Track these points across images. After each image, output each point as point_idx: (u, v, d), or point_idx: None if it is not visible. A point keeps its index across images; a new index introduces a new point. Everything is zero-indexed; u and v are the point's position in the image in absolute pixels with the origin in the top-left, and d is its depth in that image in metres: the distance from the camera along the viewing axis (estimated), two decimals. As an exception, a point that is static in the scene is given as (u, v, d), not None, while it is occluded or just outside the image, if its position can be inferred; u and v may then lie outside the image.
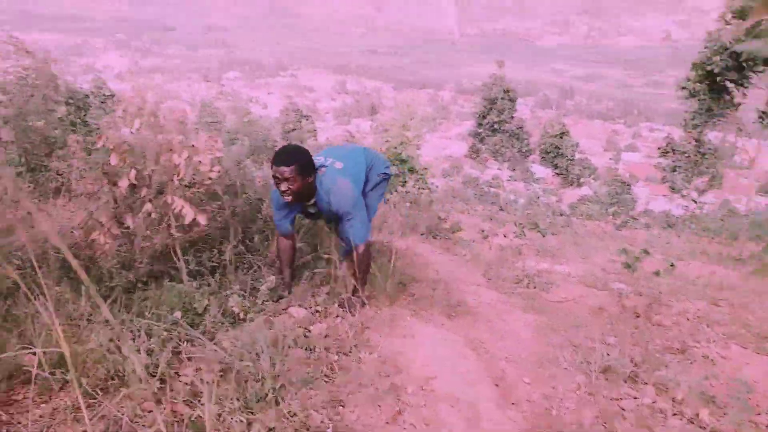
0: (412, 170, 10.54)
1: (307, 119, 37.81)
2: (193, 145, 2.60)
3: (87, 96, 4.76)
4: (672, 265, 4.32)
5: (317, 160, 3.22)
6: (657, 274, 4.39)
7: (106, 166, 2.48)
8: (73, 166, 3.34)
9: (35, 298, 2.33)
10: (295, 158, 2.99)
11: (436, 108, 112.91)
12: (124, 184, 2.52)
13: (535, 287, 5.17)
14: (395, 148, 11.45)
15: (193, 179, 3.16)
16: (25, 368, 1.90)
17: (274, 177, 2.99)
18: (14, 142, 4.01)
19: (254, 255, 4.01)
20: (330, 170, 3.18)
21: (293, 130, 31.75)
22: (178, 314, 2.62)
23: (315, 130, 36.29)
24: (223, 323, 2.72)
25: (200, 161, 2.56)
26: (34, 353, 1.97)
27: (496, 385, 2.76)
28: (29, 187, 3.56)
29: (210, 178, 2.71)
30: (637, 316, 4.41)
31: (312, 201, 3.24)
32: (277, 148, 3.14)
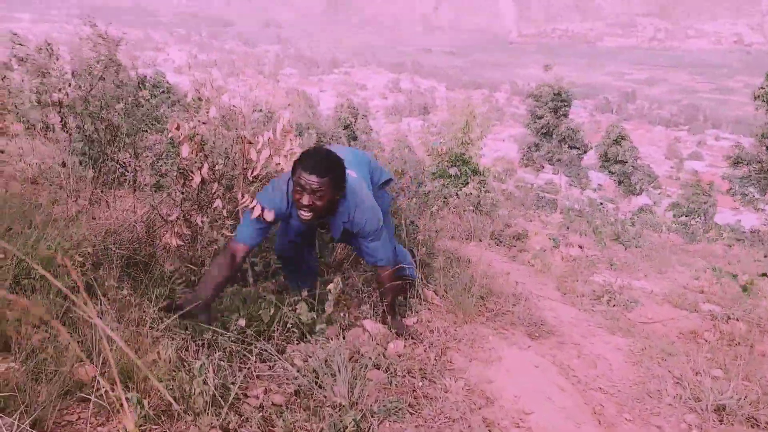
0: (475, 172, 10.15)
1: (363, 117, 37.75)
2: (269, 140, 2.35)
3: (153, 87, 4.65)
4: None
5: None
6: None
7: (178, 158, 2.25)
8: (138, 156, 3.17)
9: (96, 300, 2.13)
10: (331, 168, 2.40)
11: (490, 109, 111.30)
12: (197, 179, 2.30)
13: (615, 305, 4.75)
14: (457, 147, 11.07)
15: (260, 174, 2.93)
16: (82, 383, 1.68)
17: (298, 185, 2.37)
18: (79, 130, 3.89)
19: (321, 258, 3.77)
20: (351, 183, 2.58)
21: (348, 126, 31.68)
22: (242, 322, 2.38)
23: (371, 129, 36.19)
24: (292, 335, 2.46)
25: (280, 161, 2.31)
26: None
27: (598, 422, 2.41)
28: (92, 176, 3.42)
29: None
30: (737, 344, 3.95)
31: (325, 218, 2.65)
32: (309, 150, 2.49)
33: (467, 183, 8.95)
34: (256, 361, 2.16)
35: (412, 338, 2.68)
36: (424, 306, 3.04)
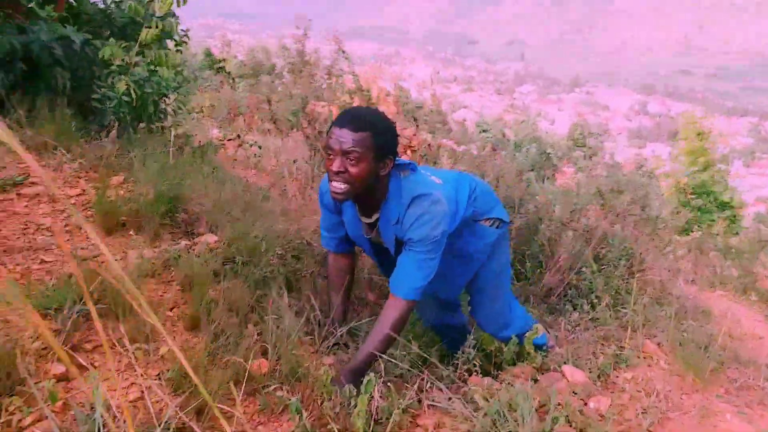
0: (723, 206, 8.67)
1: (596, 137, 35.45)
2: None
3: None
4: None
5: (401, 160, 2.01)
6: None
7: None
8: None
9: (287, 293, 2.14)
10: (371, 122, 1.82)
11: (757, 140, 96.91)
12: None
13: None
14: (698, 175, 9.57)
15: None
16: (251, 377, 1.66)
17: (328, 148, 1.83)
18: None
19: (525, 284, 3.46)
20: (420, 176, 2.00)
21: (579, 146, 30.00)
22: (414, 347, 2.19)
23: (599, 154, 33.77)
24: (478, 364, 2.21)
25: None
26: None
27: None
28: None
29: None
30: None
31: (374, 217, 2.04)
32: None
33: (714, 220, 7.69)
34: (433, 388, 1.96)
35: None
36: (644, 361, 2.54)
